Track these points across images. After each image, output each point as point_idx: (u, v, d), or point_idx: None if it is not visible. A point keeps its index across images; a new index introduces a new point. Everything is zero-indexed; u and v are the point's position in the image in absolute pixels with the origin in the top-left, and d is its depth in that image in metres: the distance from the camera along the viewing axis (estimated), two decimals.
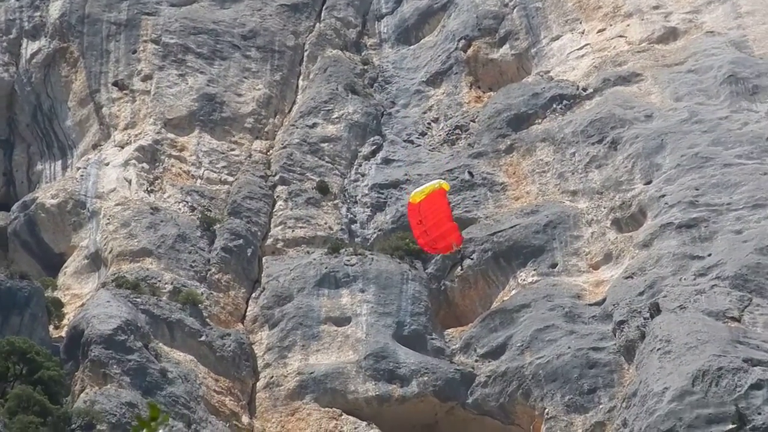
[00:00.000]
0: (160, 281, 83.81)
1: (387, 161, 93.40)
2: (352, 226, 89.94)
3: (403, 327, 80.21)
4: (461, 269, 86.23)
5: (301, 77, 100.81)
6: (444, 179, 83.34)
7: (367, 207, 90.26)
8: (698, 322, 72.92)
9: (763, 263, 75.47)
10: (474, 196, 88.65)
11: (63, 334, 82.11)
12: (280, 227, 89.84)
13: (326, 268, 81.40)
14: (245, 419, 77.52)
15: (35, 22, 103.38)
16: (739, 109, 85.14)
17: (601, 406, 74.08)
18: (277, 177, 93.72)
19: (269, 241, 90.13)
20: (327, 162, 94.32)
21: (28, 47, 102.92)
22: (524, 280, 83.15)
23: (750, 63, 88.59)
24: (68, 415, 72.91)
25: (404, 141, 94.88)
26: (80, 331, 78.94)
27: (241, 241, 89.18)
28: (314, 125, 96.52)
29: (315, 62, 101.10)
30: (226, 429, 73.62)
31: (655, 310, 74.94)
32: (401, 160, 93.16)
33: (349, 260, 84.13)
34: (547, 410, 75.71)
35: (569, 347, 76.65)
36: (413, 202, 65.09)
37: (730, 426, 67.28)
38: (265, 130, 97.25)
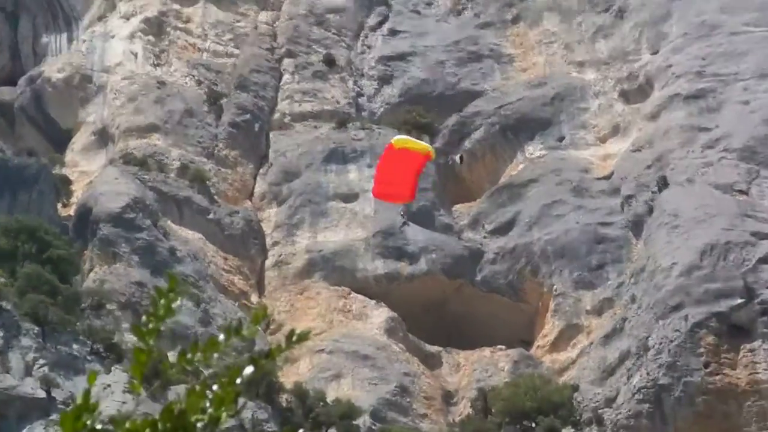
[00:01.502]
0: (167, 158, 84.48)
1: (393, 32, 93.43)
2: (359, 100, 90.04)
3: (412, 203, 79.92)
4: (469, 142, 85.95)
5: None
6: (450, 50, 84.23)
7: (374, 80, 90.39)
8: (706, 195, 73.77)
9: None
10: (481, 68, 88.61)
11: (71, 212, 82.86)
12: (287, 101, 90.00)
13: (334, 143, 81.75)
14: (254, 298, 77.87)
15: None
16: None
17: (609, 282, 74.91)
18: (283, 49, 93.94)
19: (276, 115, 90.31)
20: (333, 34, 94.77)
21: None
22: (532, 153, 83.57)
23: None
24: (78, 295, 74.23)
25: (410, 11, 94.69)
26: (89, 209, 79.83)
27: (248, 115, 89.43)
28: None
29: None
30: (235, 308, 73.87)
31: (663, 183, 75.73)
32: (408, 31, 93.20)
33: (356, 135, 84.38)
34: (555, 287, 76.54)
35: (577, 222, 77.71)
36: (393, 147, 64.93)
37: (739, 300, 68.18)
38: (271, 0, 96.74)
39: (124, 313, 72.55)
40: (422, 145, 63.82)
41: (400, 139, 65.08)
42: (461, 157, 64.12)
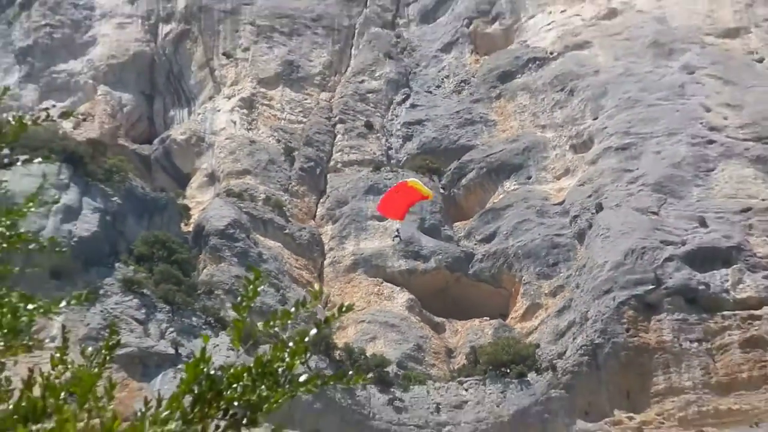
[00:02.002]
0: (256, 192, 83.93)
1: (413, 106, 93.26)
2: (389, 152, 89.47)
3: (425, 221, 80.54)
4: (465, 179, 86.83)
5: (353, 47, 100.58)
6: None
7: (400, 138, 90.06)
8: (629, 215, 73.86)
9: (674, 174, 76.00)
10: (474, 129, 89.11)
11: (190, 229, 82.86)
12: (339, 153, 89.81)
13: (371, 181, 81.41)
14: (316, 286, 78.09)
15: (168, 11, 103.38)
16: (659, 66, 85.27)
17: (561, 274, 75.20)
18: (336, 118, 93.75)
19: (332, 163, 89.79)
20: (371, 107, 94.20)
21: (163, 29, 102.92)
22: (508, 188, 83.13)
23: (668, 32, 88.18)
24: (195, 284, 75.28)
25: (425, 92, 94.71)
26: (202, 227, 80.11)
27: (312, 163, 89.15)
28: (362, 81, 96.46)
29: (363, 37, 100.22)
30: (303, 292, 74.49)
31: (599, 207, 75.98)
32: (423, 105, 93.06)
33: (387, 176, 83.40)
34: (523, 277, 76.98)
35: (539, 234, 77.59)
36: (406, 184, 66.62)
37: (650, 287, 68.72)
38: (329, 85, 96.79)
39: (227, 297, 72.68)
40: (426, 189, 65.39)
41: (414, 181, 66.54)
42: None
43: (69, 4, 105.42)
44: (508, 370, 68.74)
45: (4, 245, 7.72)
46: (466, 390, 68.53)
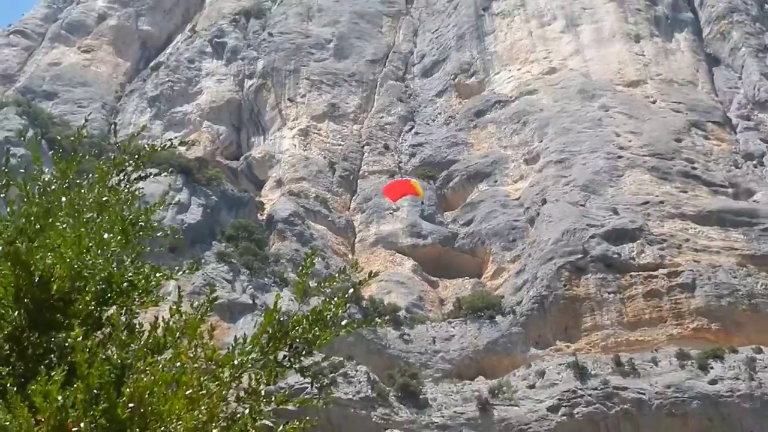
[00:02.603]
0: (309, 192, 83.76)
1: (416, 133, 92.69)
2: (400, 164, 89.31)
3: (424, 211, 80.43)
4: (452, 183, 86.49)
5: (376, 94, 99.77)
6: (418, 179, 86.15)
7: (407, 155, 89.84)
8: (565, 207, 73.85)
9: (595, 179, 76.15)
10: (458, 149, 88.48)
11: (264, 217, 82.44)
12: (366, 165, 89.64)
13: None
14: (350, 256, 77.93)
15: (251, 70, 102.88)
16: (584, 105, 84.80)
17: (518, 247, 74.86)
18: (364, 142, 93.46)
19: (361, 172, 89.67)
20: (388, 134, 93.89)
21: (247, 83, 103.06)
22: (481, 188, 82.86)
23: (590, 83, 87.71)
24: (267, 256, 74.83)
25: (425, 124, 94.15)
26: (272, 216, 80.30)
27: (347, 172, 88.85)
28: (382, 117, 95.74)
29: (382, 87, 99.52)
30: (340, 261, 74.18)
31: (543, 201, 76.00)
32: (423, 133, 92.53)
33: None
34: (492, 250, 76.67)
35: (503, 220, 77.43)
36: (410, 182, 67.03)
37: (580, 256, 68.54)
38: (359, 119, 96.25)
39: (289, 264, 72.63)
40: (420, 190, 65.37)
41: (415, 182, 66.66)
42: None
43: (184, 67, 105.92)
44: (482, 314, 68.46)
45: (140, 233, 7.92)
46: (453, 327, 68.42)
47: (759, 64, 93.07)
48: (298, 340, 7.21)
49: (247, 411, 7.00)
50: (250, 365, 7.10)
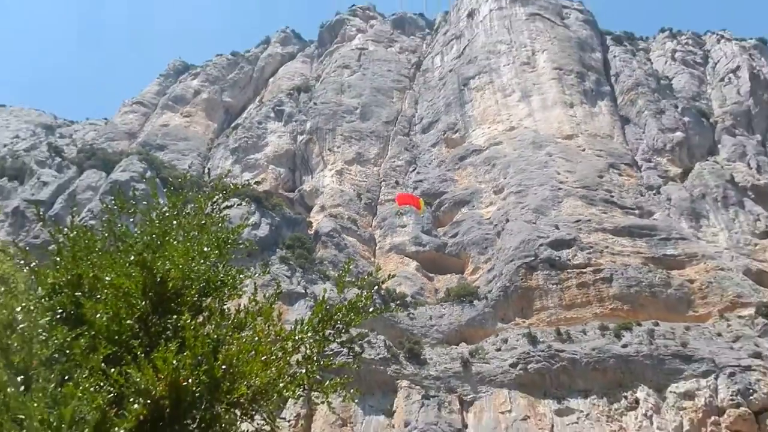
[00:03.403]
0: (343, 214, 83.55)
1: (418, 173, 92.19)
2: (408, 192, 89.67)
3: (424, 227, 79.61)
4: (443, 207, 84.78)
5: (389, 146, 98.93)
6: (424, 201, 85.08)
7: (411, 188, 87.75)
8: (521, 224, 73.06)
9: (542, 204, 75.48)
10: (447, 184, 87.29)
11: (312, 232, 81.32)
12: (383, 195, 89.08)
13: (399, 209, 76.23)
14: (372, 259, 77.44)
15: (301, 129, 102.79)
16: (535, 153, 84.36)
17: (489, 252, 73.84)
18: (381, 179, 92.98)
19: (379, 200, 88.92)
20: (398, 173, 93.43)
21: (299, 137, 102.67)
22: (463, 211, 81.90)
23: (538, 137, 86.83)
24: (314, 259, 74.13)
25: (424, 166, 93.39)
26: (318, 231, 79.68)
27: (370, 201, 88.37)
28: (394, 161, 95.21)
29: (394, 140, 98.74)
30: (365, 263, 73.92)
31: (507, 220, 75.00)
32: (422, 173, 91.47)
33: (405, 207, 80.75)
34: (471, 254, 75.70)
35: (478, 234, 76.53)
36: (418, 199, 67.05)
37: (532, 258, 67.78)
38: (378, 163, 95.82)
39: (330, 265, 72.73)
40: (423, 207, 65.40)
41: (421, 200, 67.00)
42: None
43: (255, 127, 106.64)
44: (464, 299, 68.12)
45: (228, 246, 8.02)
46: (444, 309, 67.86)
47: (656, 122, 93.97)
48: (339, 323, 7.33)
49: (303, 371, 7.14)
50: (305, 339, 7.21)
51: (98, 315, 6.68)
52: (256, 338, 7.10)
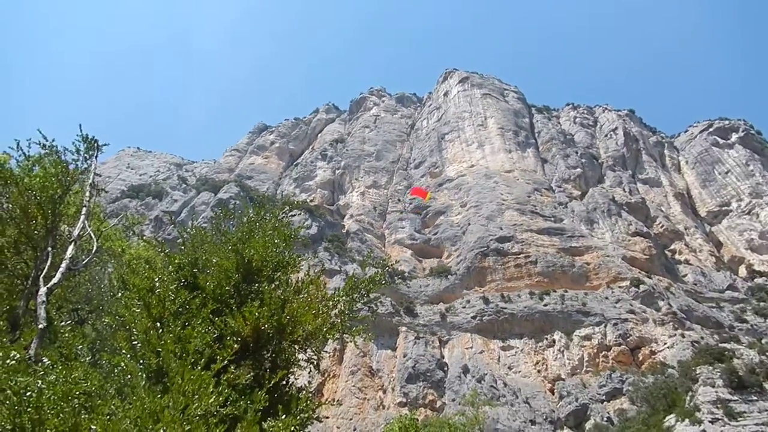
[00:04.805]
0: (365, 221, 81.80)
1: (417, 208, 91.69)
2: (405, 207, 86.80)
3: (416, 228, 78.59)
4: (428, 215, 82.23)
5: (394, 177, 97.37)
6: (431, 195, 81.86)
7: (407, 203, 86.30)
8: (479, 227, 71.70)
9: (492, 214, 74.16)
10: (431, 202, 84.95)
11: (344, 231, 78.80)
12: (390, 209, 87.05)
13: (400, 217, 77.26)
14: (384, 249, 75.85)
15: (338, 166, 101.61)
16: (487, 181, 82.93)
17: (458, 244, 72.26)
18: (389, 198, 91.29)
19: (387, 211, 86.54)
20: (399, 194, 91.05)
21: (336, 171, 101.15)
22: (441, 219, 79.75)
23: (488, 171, 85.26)
24: (346, 249, 72.01)
25: (413, 211, 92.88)
26: (348, 231, 77.92)
27: (382, 211, 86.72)
28: (397, 186, 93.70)
29: (397, 174, 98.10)
30: (378, 251, 72.60)
31: (469, 224, 73.24)
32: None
33: (408, 215, 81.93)
34: (447, 246, 74.02)
35: (451, 233, 74.92)
36: (423, 189, 65.47)
37: (486, 248, 66.74)
38: (387, 188, 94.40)
39: (355, 252, 70.73)
40: (429, 197, 63.67)
41: (430, 193, 65.30)
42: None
43: (310, 165, 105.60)
44: (442, 274, 67.13)
45: (290, 240, 7.87)
46: (429, 281, 66.66)
47: (564, 162, 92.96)
48: (362, 290, 7.16)
49: (339, 321, 6.96)
50: (340, 300, 7.06)
51: (207, 283, 6.68)
52: (309, 299, 6.96)
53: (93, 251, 7.98)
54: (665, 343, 52.87)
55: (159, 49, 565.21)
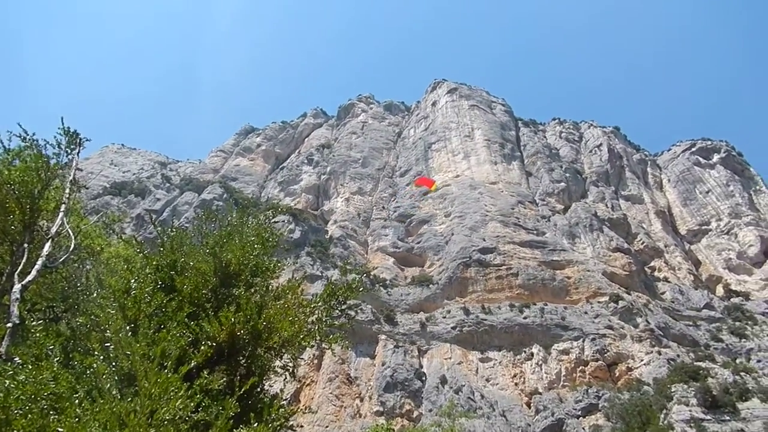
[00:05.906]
0: (348, 226, 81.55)
1: (397, 202, 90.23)
2: (389, 215, 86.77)
3: (399, 236, 78.42)
4: (411, 224, 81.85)
5: (379, 184, 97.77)
6: (436, 186, 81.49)
7: (393, 211, 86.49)
8: (462, 238, 71.86)
9: (476, 225, 74.35)
10: (415, 209, 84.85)
11: (328, 236, 78.93)
12: (374, 215, 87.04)
13: (387, 223, 76.58)
14: (366, 256, 75.32)
15: (324, 171, 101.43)
16: (471, 192, 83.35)
17: (441, 254, 72.18)
18: (374, 205, 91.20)
19: (371, 218, 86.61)
20: (384, 202, 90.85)
21: (322, 176, 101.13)
22: (424, 227, 79.93)
23: (473, 182, 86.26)
24: (330, 254, 71.37)
25: (401, 197, 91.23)
26: (332, 236, 77.29)
27: (366, 218, 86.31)
28: (382, 194, 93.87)
29: (382, 181, 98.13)
30: (360, 258, 71.98)
31: (452, 233, 73.38)
32: (400, 202, 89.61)
33: (392, 222, 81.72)
34: (429, 255, 73.93)
35: (434, 242, 74.99)
36: (429, 179, 64.47)
37: (467, 258, 66.84)
38: (372, 194, 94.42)
39: (338, 258, 70.11)
40: (435, 186, 63.00)
41: (435, 183, 64.77)
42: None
43: (295, 169, 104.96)
44: (424, 283, 66.84)
45: (269, 244, 7.82)
46: (410, 290, 66.21)
47: (549, 176, 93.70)
48: (341, 297, 7.14)
49: (316, 328, 6.94)
50: (318, 307, 7.04)
51: (184, 286, 6.63)
52: (286, 305, 6.92)
53: (71, 249, 7.84)
54: (642, 360, 53.25)
55: (149, 47, 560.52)
